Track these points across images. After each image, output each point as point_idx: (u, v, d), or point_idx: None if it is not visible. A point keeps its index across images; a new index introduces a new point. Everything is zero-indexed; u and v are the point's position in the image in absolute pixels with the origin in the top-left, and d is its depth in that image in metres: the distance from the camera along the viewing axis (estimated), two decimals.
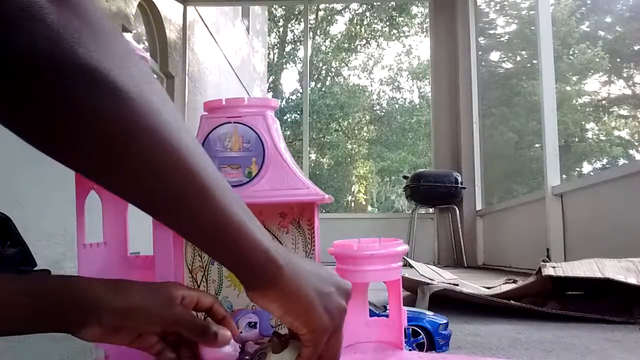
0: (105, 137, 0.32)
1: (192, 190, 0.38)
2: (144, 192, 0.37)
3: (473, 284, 1.93)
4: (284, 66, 17.06)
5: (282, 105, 16.13)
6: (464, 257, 4.61)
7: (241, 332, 0.73)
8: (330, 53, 16.22)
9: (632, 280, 1.46)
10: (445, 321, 1.12)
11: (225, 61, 7.90)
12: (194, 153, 0.37)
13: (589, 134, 8.74)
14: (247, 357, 0.57)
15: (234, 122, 0.78)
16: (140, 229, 0.87)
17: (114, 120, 0.32)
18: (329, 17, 16.24)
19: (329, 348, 0.45)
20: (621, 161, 8.39)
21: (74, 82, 0.30)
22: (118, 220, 0.81)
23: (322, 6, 14.93)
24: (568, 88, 8.17)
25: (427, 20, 8.80)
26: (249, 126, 0.78)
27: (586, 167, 8.60)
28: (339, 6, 15.47)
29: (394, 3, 13.73)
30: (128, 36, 4.34)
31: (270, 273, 0.42)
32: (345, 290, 0.47)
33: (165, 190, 0.37)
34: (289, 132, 15.00)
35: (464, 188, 4.68)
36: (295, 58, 16.96)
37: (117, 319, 0.47)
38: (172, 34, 5.26)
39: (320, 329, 0.44)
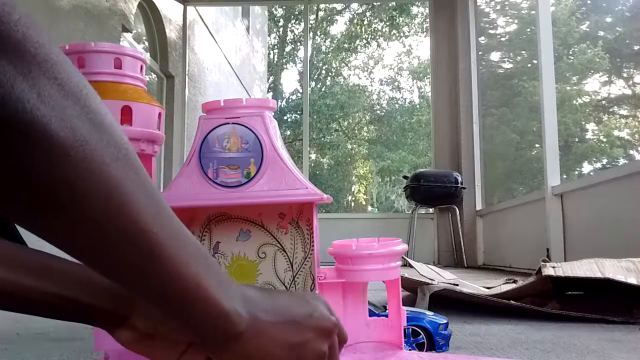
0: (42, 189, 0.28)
1: (140, 249, 0.32)
2: (78, 244, 0.32)
3: (473, 284, 1.93)
4: (284, 66, 17.07)
5: (282, 105, 16.13)
6: (464, 257, 4.61)
7: None
8: (330, 53, 16.22)
9: (632, 280, 1.46)
10: (445, 321, 1.12)
11: (225, 61, 7.90)
12: (146, 208, 0.32)
13: (589, 134, 8.74)
14: None
15: (233, 123, 0.78)
16: None
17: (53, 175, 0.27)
18: (329, 17, 16.24)
19: None
20: (621, 161, 8.39)
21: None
22: None
23: (322, 6, 14.93)
24: (568, 88, 8.17)
25: (427, 20, 8.79)
26: (247, 127, 0.78)
27: (586, 167, 8.60)
28: (339, 6, 15.47)
29: (394, 3, 13.73)
30: (128, 36, 4.33)
31: (228, 336, 0.38)
32: (326, 329, 0.44)
33: (105, 247, 0.32)
34: (289, 132, 15.01)
35: (464, 188, 4.68)
36: (295, 58, 16.98)
37: (150, 323, 0.45)
38: (172, 33, 5.26)
39: None
